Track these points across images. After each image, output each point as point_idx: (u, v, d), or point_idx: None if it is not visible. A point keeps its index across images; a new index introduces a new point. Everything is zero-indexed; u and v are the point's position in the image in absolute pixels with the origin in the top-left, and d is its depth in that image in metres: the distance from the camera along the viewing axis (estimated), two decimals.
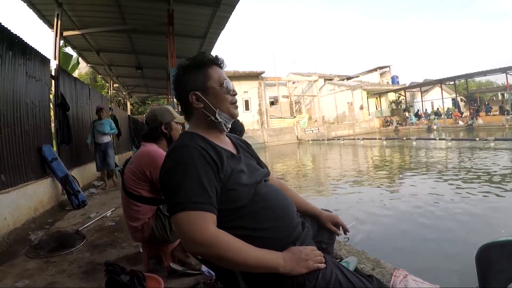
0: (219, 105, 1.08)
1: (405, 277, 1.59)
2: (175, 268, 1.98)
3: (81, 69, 16.60)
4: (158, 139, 2.09)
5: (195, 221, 0.85)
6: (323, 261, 0.96)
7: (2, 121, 3.41)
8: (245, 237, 0.91)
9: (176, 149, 0.98)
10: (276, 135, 21.74)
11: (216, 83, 1.08)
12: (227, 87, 1.08)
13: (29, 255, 2.62)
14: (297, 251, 0.95)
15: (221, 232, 0.88)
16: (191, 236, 0.85)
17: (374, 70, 31.78)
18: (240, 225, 0.95)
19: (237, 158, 1.08)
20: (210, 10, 5.90)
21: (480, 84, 39.29)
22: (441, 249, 3.09)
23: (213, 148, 0.99)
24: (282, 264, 0.90)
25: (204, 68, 1.09)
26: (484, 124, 19.21)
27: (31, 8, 5.79)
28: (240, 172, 1.01)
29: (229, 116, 1.09)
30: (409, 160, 9.91)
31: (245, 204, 0.97)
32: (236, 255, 0.86)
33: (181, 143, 0.99)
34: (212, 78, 1.08)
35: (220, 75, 1.09)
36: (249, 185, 1.00)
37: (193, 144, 0.96)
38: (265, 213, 0.99)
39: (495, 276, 0.85)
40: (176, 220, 0.88)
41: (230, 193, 0.95)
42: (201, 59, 1.10)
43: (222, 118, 1.08)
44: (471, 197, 4.71)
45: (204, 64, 1.09)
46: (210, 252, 0.86)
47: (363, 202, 5.05)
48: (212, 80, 1.08)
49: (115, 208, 4.07)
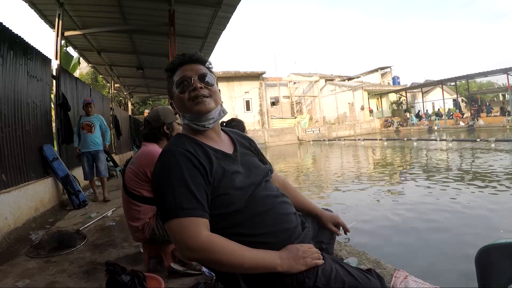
0: (180, 108, 1.06)
1: (406, 278, 1.59)
2: (176, 268, 1.98)
3: (82, 69, 16.65)
4: (159, 139, 2.09)
5: (187, 228, 0.84)
6: (321, 258, 0.95)
7: (3, 121, 3.42)
8: (243, 242, 0.90)
9: (163, 154, 0.97)
10: (277, 135, 21.75)
11: (174, 86, 1.05)
12: (177, 85, 1.04)
13: (29, 254, 2.63)
14: (294, 248, 0.94)
15: (214, 236, 0.87)
16: (184, 243, 0.84)
17: (375, 71, 31.78)
18: (237, 232, 0.93)
19: (231, 157, 1.04)
20: (211, 11, 5.89)
21: (481, 85, 39.23)
22: (442, 250, 3.08)
23: (202, 149, 0.97)
24: (279, 263, 0.89)
25: (172, 75, 1.08)
26: (485, 125, 19.20)
27: (32, 8, 5.80)
28: (234, 173, 0.98)
29: (191, 114, 1.03)
30: (410, 161, 9.90)
31: (240, 208, 0.94)
32: (231, 258, 0.85)
33: (168, 148, 0.98)
34: (174, 82, 1.06)
35: (179, 75, 1.05)
36: (244, 188, 0.97)
37: (179, 148, 0.94)
38: (263, 218, 0.97)
39: (495, 277, 0.85)
40: (169, 228, 0.87)
41: (223, 197, 0.93)
42: (168, 67, 1.10)
43: (187, 119, 1.04)
44: (472, 198, 4.70)
45: (172, 71, 1.09)
46: (205, 257, 0.85)
47: (364, 203, 5.05)
48: (175, 84, 1.05)
49: (115, 208, 4.08)
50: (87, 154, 4.79)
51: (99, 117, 5.04)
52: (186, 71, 1.05)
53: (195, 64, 1.07)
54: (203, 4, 5.68)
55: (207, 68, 1.09)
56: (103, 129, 5.01)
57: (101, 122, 5.01)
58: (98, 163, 4.89)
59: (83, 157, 4.80)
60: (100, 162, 4.90)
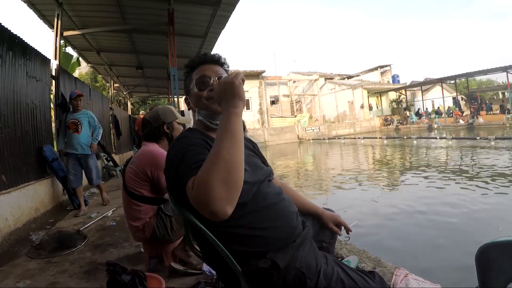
0: (197, 104, 1.11)
1: (406, 276, 1.59)
2: (176, 268, 1.98)
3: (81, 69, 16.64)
4: (159, 139, 2.09)
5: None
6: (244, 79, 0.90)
7: (3, 122, 3.42)
8: (245, 236, 0.91)
9: (177, 140, 1.02)
10: (277, 134, 21.74)
11: (193, 83, 1.10)
12: (200, 83, 1.09)
13: (30, 255, 2.63)
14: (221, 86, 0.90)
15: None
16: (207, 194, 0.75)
17: (375, 69, 31.75)
18: (240, 224, 0.94)
19: None
20: (211, 10, 5.89)
21: (480, 83, 39.26)
22: (442, 248, 3.09)
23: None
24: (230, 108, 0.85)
25: (191, 72, 1.13)
26: (484, 123, 19.19)
27: (31, 8, 5.79)
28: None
29: (207, 112, 1.08)
30: (410, 159, 9.91)
31: (248, 201, 0.96)
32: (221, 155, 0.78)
33: (182, 135, 1.04)
34: (193, 79, 1.11)
35: (199, 74, 1.10)
36: (252, 183, 0.99)
37: (193, 137, 1.00)
38: (266, 213, 0.99)
39: (495, 276, 0.85)
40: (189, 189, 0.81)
41: None
42: (189, 64, 1.15)
43: (202, 116, 1.09)
44: (472, 196, 4.70)
45: (192, 68, 1.14)
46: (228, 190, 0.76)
47: (364, 201, 5.05)
48: (193, 82, 1.10)
49: (116, 208, 4.08)
50: (73, 156, 4.09)
51: (87, 113, 4.28)
52: (206, 70, 1.10)
53: (214, 65, 1.13)
54: (202, 3, 5.68)
55: (225, 71, 1.15)
56: (93, 126, 4.29)
57: (90, 118, 4.24)
58: (88, 170, 4.15)
59: (68, 159, 4.10)
60: (90, 169, 4.15)
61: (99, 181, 4.35)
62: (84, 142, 4.13)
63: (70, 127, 4.14)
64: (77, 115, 4.17)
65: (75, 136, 4.09)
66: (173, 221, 1.96)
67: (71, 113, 4.19)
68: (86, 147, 4.15)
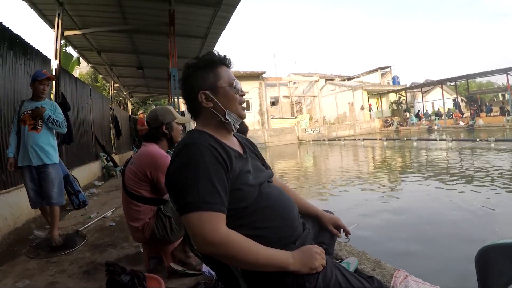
0: (228, 105, 1.07)
1: (406, 278, 1.59)
2: (176, 268, 1.98)
3: (82, 68, 16.65)
4: (158, 140, 2.10)
5: (208, 221, 0.86)
6: (325, 264, 0.96)
7: (3, 121, 3.42)
8: (247, 236, 0.92)
9: (187, 147, 0.96)
10: (277, 135, 21.74)
11: (226, 83, 1.07)
12: (236, 87, 1.09)
13: (29, 255, 2.63)
14: (307, 249, 0.96)
15: (232, 232, 0.89)
16: (203, 236, 0.85)
17: (375, 71, 31.77)
18: (242, 224, 0.95)
19: (244, 158, 1.08)
20: (211, 10, 5.90)
21: (480, 84, 39.24)
22: (442, 249, 3.08)
23: (223, 147, 0.99)
24: (292, 262, 0.91)
25: (214, 67, 1.08)
26: (484, 124, 19.20)
27: (32, 8, 5.79)
28: (247, 172, 1.01)
29: (237, 116, 1.09)
30: (410, 161, 9.90)
31: (250, 204, 0.98)
32: (247, 255, 0.87)
33: (192, 141, 0.97)
34: (222, 77, 1.07)
35: (229, 75, 1.10)
36: (255, 186, 1.01)
37: (204, 142, 0.95)
38: (267, 213, 1.00)
39: (495, 278, 0.85)
40: (188, 220, 0.88)
41: (236, 193, 0.95)
42: (211, 58, 1.09)
43: (231, 119, 1.07)
44: (472, 198, 4.70)
45: (214, 63, 1.09)
46: (222, 252, 0.86)
47: (364, 203, 5.04)
48: (222, 80, 1.07)
49: (115, 208, 4.07)
50: (28, 169, 2.76)
51: (53, 104, 3.00)
52: (231, 74, 1.11)
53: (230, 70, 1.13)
54: (203, 4, 5.69)
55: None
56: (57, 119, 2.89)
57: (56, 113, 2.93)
58: (46, 184, 2.77)
59: (24, 173, 2.78)
60: (49, 183, 2.77)
61: (61, 200, 2.91)
62: (43, 147, 2.78)
63: (26, 121, 2.77)
64: (38, 104, 2.82)
65: (31, 136, 2.75)
66: (173, 222, 1.96)
67: (29, 101, 2.86)
68: (46, 153, 2.80)
